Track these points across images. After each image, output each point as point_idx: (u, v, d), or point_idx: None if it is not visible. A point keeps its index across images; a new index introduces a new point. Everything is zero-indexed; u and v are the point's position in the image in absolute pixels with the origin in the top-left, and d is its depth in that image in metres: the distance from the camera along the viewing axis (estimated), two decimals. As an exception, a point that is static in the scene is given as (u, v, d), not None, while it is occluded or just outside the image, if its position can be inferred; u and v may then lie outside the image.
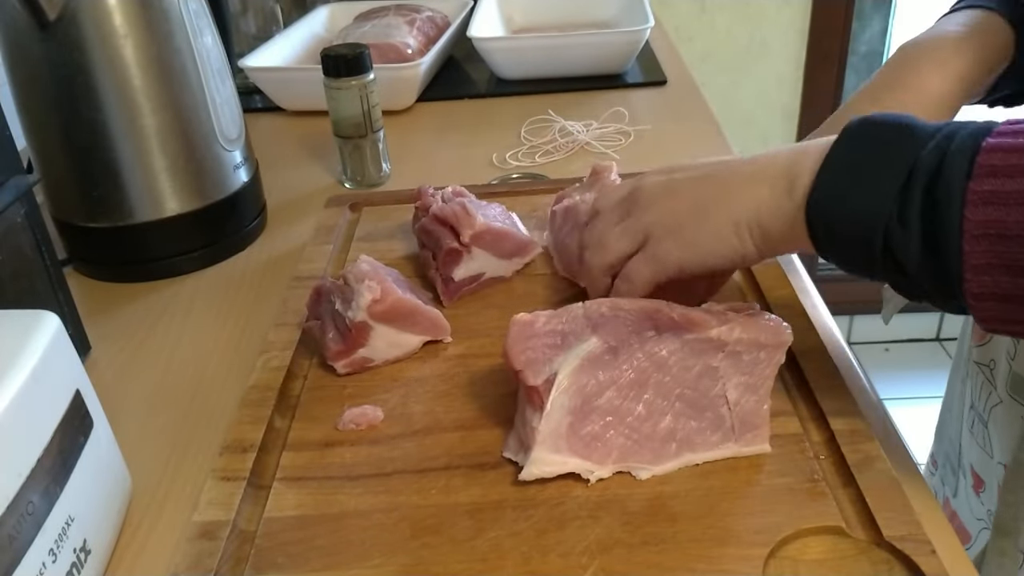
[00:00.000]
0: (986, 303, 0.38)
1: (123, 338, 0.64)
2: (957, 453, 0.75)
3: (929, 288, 0.41)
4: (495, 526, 0.43)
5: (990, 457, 0.67)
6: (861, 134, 0.43)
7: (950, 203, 0.38)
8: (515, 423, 0.48)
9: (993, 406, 0.65)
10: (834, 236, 0.43)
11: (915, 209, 0.39)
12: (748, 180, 0.46)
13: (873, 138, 0.42)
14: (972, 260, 0.38)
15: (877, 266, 0.42)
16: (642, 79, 1.10)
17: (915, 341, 2.30)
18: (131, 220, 0.68)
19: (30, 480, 0.36)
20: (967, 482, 0.72)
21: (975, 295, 0.38)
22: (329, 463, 0.48)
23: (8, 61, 0.66)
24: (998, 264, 0.37)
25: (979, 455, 0.69)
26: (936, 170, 0.39)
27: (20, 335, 0.40)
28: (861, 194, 0.41)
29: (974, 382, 0.69)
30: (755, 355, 0.46)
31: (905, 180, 0.40)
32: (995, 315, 0.39)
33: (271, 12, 1.16)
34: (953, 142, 0.39)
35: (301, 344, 0.57)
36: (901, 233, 0.40)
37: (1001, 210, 0.37)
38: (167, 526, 0.47)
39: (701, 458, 0.46)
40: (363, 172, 0.84)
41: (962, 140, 0.39)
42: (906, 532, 0.40)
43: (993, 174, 0.37)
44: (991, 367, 0.66)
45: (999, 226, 0.37)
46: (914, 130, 0.41)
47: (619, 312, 0.46)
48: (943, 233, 0.38)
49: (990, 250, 0.37)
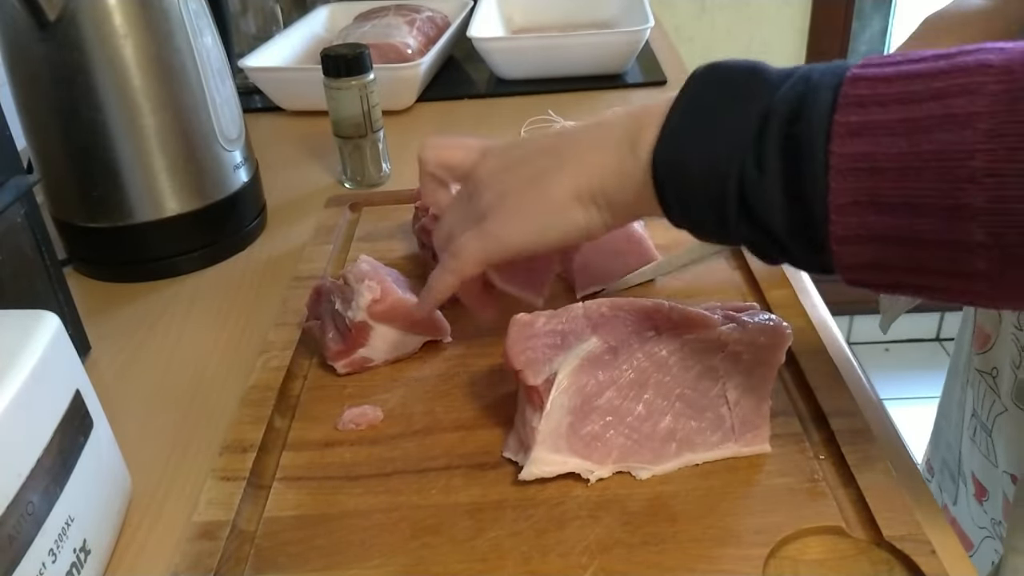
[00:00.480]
0: (851, 247, 0.35)
1: (123, 338, 0.64)
2: (957, 460, 0.74)
3: (789, 242, 0.37)
4: (495, 526, 0.43)
5: (994, 466, 0.66)
6: (708, 80, 0.39)
7: (813, 139, 0.35)
8: (515, 423, 0.48)
9: (998, 414, 0.64)
10: (683, 194, 0.39)
11: (774, 150, 0.36)
12: (589, 146, 0.43)
13: (722, 82, 0.39)
14: (839, 199, 0.34)
15: (731, 223, 0.38)
16: (642, 79, 1.10)
17: (915, 341, 2.30)
18: (131, 220, 0.68)
19: (30, 480, 0.36)
20: (968, 490, 0.71)
21: (840, 238, 0.35)
22: (329, 463, 0.48)
23: (8, 61, 0.66)
24: (867, 201, 0.34)
25: (982, 463, 0.68)
26: (796, 107, 0.35)
27: (20, 335, 0.40)
28: (711, 141, 0.38)
29: (976, 390, 0.69)
30: (755, 355, 0.46)
31: (760, 123, 0.36)
32: (860, 261, 0.35)
33: (271, 12, 1.16)
34: (811, 79, 0.36)
35: (301, 344, 0.57)
36: (758, 179, 0.36)
37: (869, 142, 0.33)
38: (167, 526, 0.47)
39: (701, 458, 0.46)
40: (363, 172, 0.84)
41: (821, 75, 0.36)
42: (906, 532, 0.41)
43: (861, 104, 0.34)
44: (994, 375, 0.65)
45: (869, 159, 0.33)
46: (766, 72, 0.38)
47: (619, 312, 0.46)
48: (806, 173, 0.35)
49: (859, 186, 0.34)
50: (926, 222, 0.33)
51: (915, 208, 0.33)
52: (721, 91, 0.39)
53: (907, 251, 0.34)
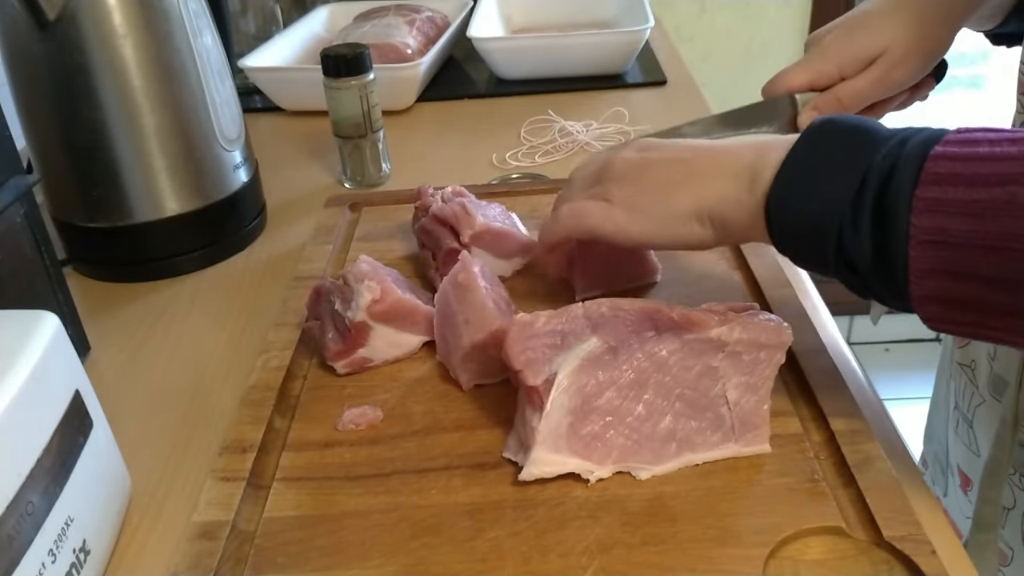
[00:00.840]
0: (930, 305, 0.40)
1: (123, 338, 0.64)
2: (945, 453, 0.75)
3: (879, 290, 0.42)
4: (495, 526, 0.43)
5: (976, 456, 0.67)
6: (821, 137, 0.44)
7: (898, 209, 0.39)
8: (515, 423, 0.48)
9: (977, 405, 0.66)
10: (790, 234, 0.44)
11: (866, 214, 0.40)
12: (715, 171, 0.47)
13: (832, 141, 0.43)
14: (917, 265, 0.39)
15: (830, 265, 0.43)
16: (642, 79, 1.10)
17: (915, 341, 2.30)
18: (131, 220, 0.68)
19: (30, 480, 0.36)
20: (955, 481, 0.73)
21: (920, 297, 0.39)
22: (329, 463, 0.48)
23: (8, 61, 0.66)
24: (941, 269, 0.38)
25: (965, 454, 0.70)
26: (887, 176, 0.40)
27: (20, 335, 0.40)
28: (817, 197, 0.42)
29: (957, 383, 0.70)
30: (755, 355, 0.46)
31: (859, 185, 0.41)
32: (938, 315, 0.40)
33: (271, 12, 1.16)
34: (905, 148, 0.40)
35: (301, 344, 0.57)
36: (853, 236, 0.41)
37: (943, 218, 0.38)
38: (167, 526, 0.47)
39: (701, 458, 0.46)
40: (363, 172, 0.84)
41: (913, 147, 0.40)
42: (906, 532, 0.40)
43: (937, 182, 0.38)
44: (972, 368, 0.66)
45: (942, 233, 0.38)
46: (871, 134, 0.42)
47: (619, 312, 0.46)
48: (891, 238, 0.39)
49: (934, 255, 0.38)
50: (996, 294, 0.37)
51: (985, 280, 0.37)
52: (830, 149, 0.43)
53: (978, 315, 0.39)
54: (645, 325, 0.46)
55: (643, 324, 0.46)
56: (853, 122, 0.43)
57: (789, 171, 0.44)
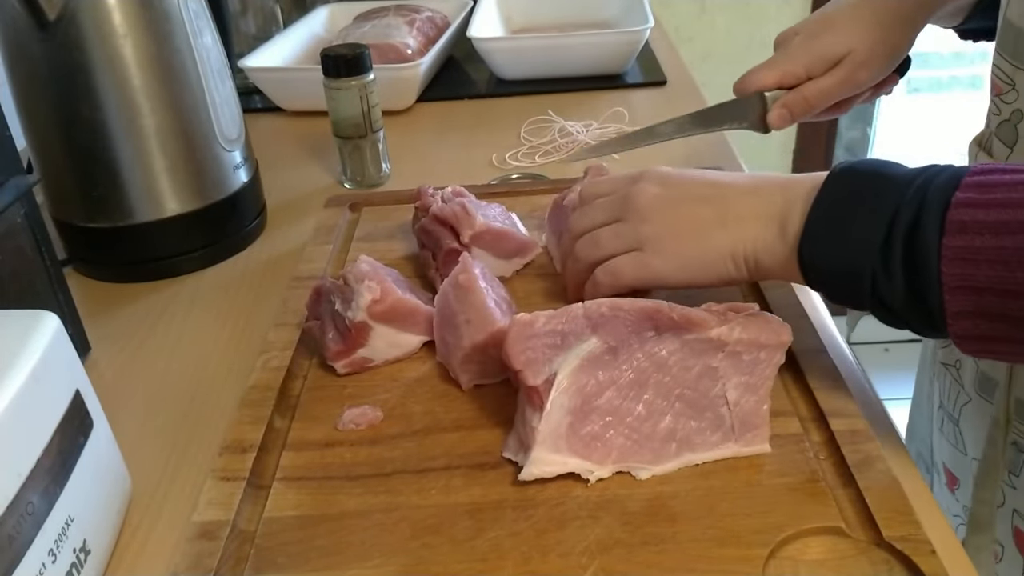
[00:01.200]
0: (967, 341, 0.42)
1: (123, 338, 0.64)
2: (929, 451, 0.76)
3: (916, 325, 0.44)
4: (495, 526, 0.43)
5: (963, 454, 0.68)
6: (843, 185, 0.45)
7: (927, 258, 0.41)
8: (515, 423, 0.48)
9: (963, 404, 0.66)
10: (825, 278, 0.46)
11: (897, 261, 0.42)
12: (747, 215, 0.49)
13: (854, 191, 0.45)
14: (952, 308, 0.41)
15: (866, 305, 0.45)
16: (642, 79, 1.10)
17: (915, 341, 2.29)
18: (131, 220, 0.68)
19: (30, 480, 0.36)
20: (941, 480, 0.73)
21: (957, 335, 0.42)
22: (329, 463, 0.48)
23: (8, 61, 0.66)
24: (975, 311, 0.40)
25: (951, 452, 0.70)
26: (914, 224, 0.42)
27: (20, 335, 0.40)
28: (846, 245, 0.44)
29: (942, 382, 0.70)
30: (755, 355, 0.46)
31: (886, 233, 0.42)
32: (976, 349, 0.43)
33: (271, 12, 1.16)
34: (927, 194, 0.42)
35: (301, 344, 0.57)
36: (886, 282, 0.43)
37: (971, 265, 0.40)
38: (167, 526, 0.47)
39: (701, 458, 0.46)
40: (363, 172, 0.84)
41: (935, 193, 0.41)
42: (906, 532, 0.41)
43: (963, 231, 0.40)
44: (957, 367, 0.67)
45: (971, 279, 0.40)
46: (892, 180, 0.44)
47: (619, 312, 0.45)
48: (924, 284, 0.41)
49: (967, 300, 0.40)
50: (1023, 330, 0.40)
51: (1012, 321, 0.40)
52: (854, 198, 0.45)
53: (1013, 346, 0.41)
54: (645, 325, 0.46)
55: (643, 324, 0.46)
56: (873, 168, 0.45)
57: (817, 221, 0.45)
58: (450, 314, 0.53)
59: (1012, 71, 0.55)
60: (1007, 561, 0.62)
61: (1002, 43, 0.56)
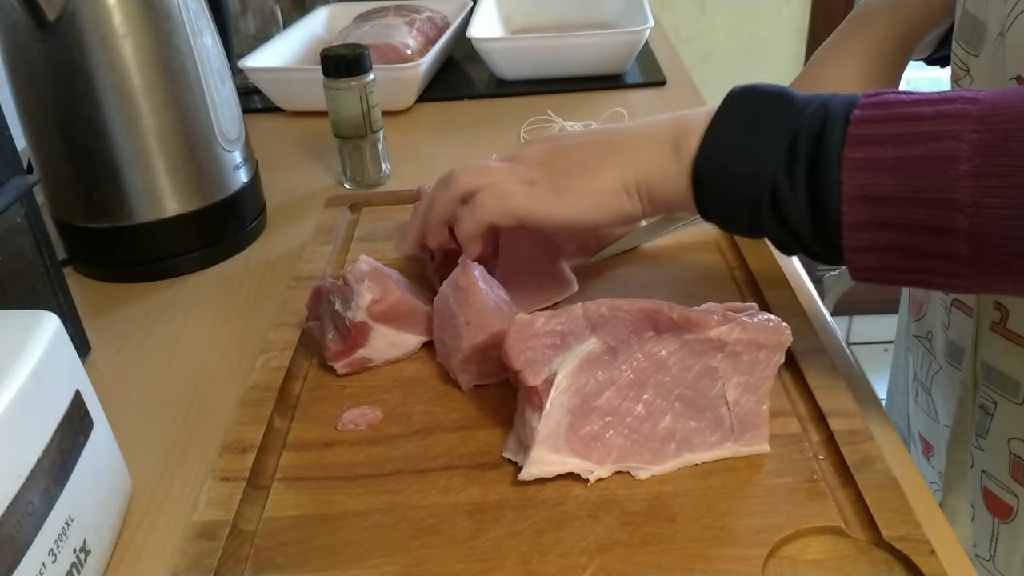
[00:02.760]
0: (860, 255, 0.43)
1: (123, 338, 0.64)
2: (906, 423, 0.78)
3: (811, 243, 0.44)
4: (495, 526, 0.43)
5: (936, 422, 0.70)
6: (744, 101, 0.46)
7: (829, 169, 0.42)
8: (515, 423, 0.48)
9: (935, 373, 0.68)
10: (722, 196, 0.46)
11: (801, 168, 0.43)
12: (638, 144, 0.49)
13: (756, 104, 0.46)
14: (850, 219, 0.42)
15: (763, 223, 0.45)
16: (642, 79, 1.10)
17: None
18: (131, 220, 0.69)
19: (30, 480, 0.36)
20: (917, 449, 0.75)
21: (852, 248, 0.43)
22: (329, 463, 0.48)
23: (8, 61, 0.66)
24: (871, 221, 0.41)
25: (925, 421, 0.72)
26: (818, 135, 0.42)
27: (20, 335, 0.40)
28: (749, 154, 0.44)
29: (915, 355, 0.72)
30: (755, 355, 0.46)
31: (791, 139, 0.43)
32: (868, 265, 0.43)
33: (271, 12, 1.16)
34: (829, 110, 0.43)
35: (301, 344, 0.57)
36: (789, 190, 0.43)
37: (872, 175, 0.41)
38: (167, 526, 0.47)
39: (700, 458, 0.46)
40: (363, 172, 0.84)
41: (835, 109, 0.43)
42: (905, 532, 0.41)
43: (865, 142, 0.41)
44: (929, 339, 0.69)
45: (873, 189, 0.41)
46: (792, 98, 0.45)
47: (618, 312, 0.46)
48: (824, 195, 0.42)
49: (865, 209, 0.41)
50: (921, 239, 0.41)
51: (911, 229, 0.41)
52: (756, 110, 0.45)
53: (906, 261, 0.42)
54: (645, 325, 0.46)
55: (643, 324, 0.46)
56: (772, 87, 0.46)
57: (715, 136, 0.46)
58: (449, 316, 0.53)
59: (966, 57, 0.56)
60: (978, 521, 0.64)
61: (959, 32, 0.57)
